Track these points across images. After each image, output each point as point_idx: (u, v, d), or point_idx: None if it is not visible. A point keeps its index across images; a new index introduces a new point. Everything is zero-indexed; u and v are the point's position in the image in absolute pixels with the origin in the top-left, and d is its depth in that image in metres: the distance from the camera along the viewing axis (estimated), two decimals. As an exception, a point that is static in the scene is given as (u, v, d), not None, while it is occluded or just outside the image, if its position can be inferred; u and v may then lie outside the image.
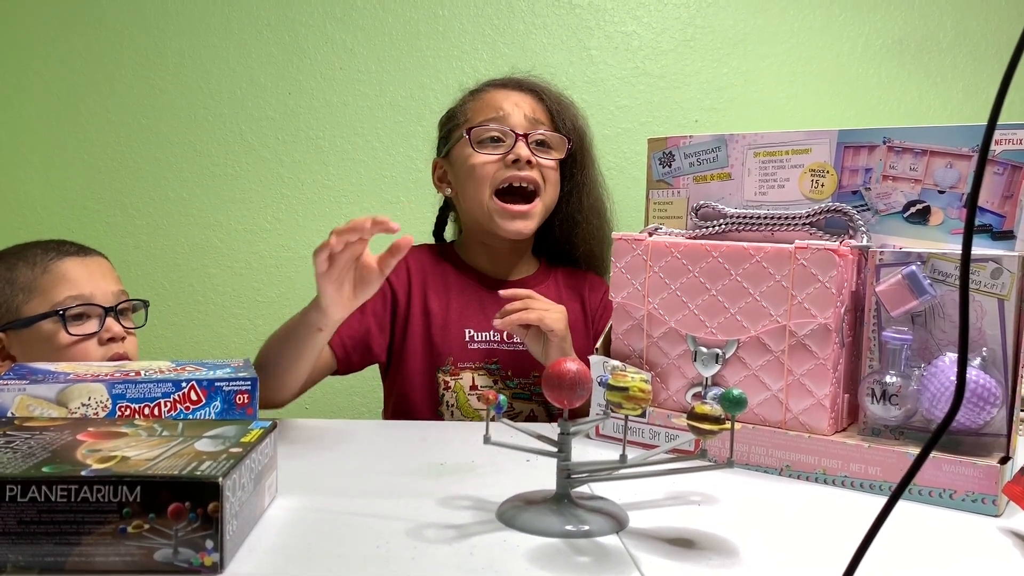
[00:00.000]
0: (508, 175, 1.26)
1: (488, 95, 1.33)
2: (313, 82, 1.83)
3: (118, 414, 0.78)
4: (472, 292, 1.34)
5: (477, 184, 1.28)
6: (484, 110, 1.31)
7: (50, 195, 1.81)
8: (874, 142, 0.94)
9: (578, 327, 1.33)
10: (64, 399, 0.77)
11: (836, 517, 0.79)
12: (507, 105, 1.29)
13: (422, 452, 0.97)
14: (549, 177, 1.30)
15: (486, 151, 1.28)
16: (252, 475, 0.68)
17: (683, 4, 1.86)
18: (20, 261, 1.18)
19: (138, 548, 0.58)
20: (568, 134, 1.32)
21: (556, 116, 1.32)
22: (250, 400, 0.82)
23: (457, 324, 1.30)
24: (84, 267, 1.18)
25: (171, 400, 0.79)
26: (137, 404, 0.78)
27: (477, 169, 1.28)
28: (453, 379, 1.28)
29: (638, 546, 0.69)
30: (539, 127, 1.29)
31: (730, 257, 0.94)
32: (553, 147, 1.31)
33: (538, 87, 1.35)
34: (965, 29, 1.88)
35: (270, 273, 1.85)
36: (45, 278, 1.15)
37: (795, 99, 1.88)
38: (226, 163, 1.83)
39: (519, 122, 1.28)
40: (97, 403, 0.78)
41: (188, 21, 1.81)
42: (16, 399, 0.76)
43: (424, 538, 0.69)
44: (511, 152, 1.26)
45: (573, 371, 0.70)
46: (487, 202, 1.28)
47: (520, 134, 1.27)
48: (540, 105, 1.32)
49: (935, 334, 0.87)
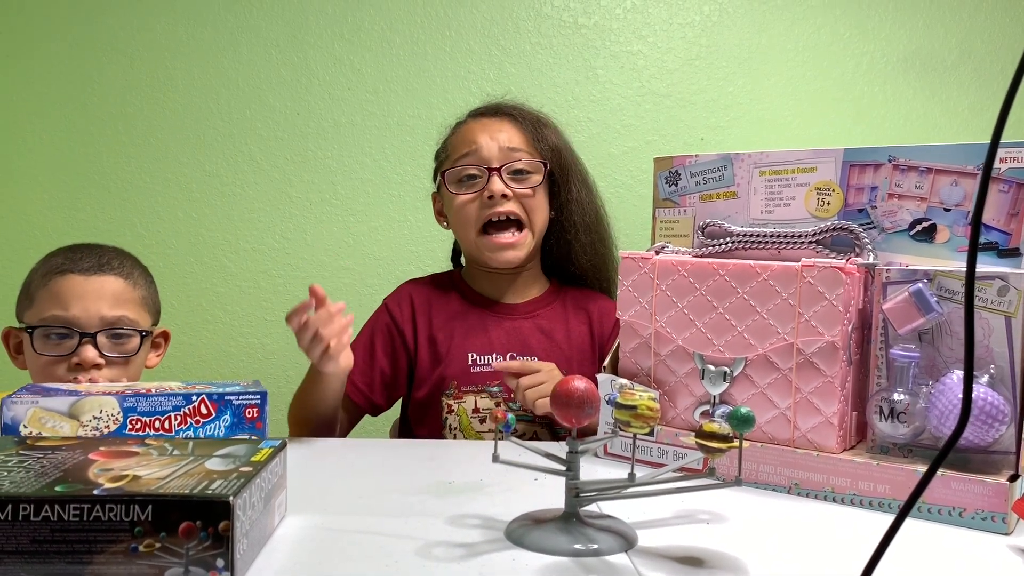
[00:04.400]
0: (488, 212, 1.27)
1: (465, 128, 1.34)
2: (321, 103, 1.85)
3: (129, 427, 0.78)
4: (476, 317, 1.34)
5: (462, 224, 1.31)
6: (460, 145, 1.32)
7: (61, 215, 1.82)
8: (879, 160, 0.94)
9: (585, 352, 1.33)
10: (76, 412, 0.78)
11: (845, 535, 0.79)
12: (481, 138, 1.29)
13: (431, 471, 0.98)
14: (531, 204, 1.30)
15: (463, 192, 1.29)
16: (262, 494, 0.68)
17: (688, 23, 1.88)
18: (41, 265, 1.21)
19: (149, 567, 0.59)
20: (544, 155, 1.31)
21: (534, 138, 1.32)
22: (259, 414, 0.82)
23: (460, 348, 1.30)
24: (83, 286, 1.16)
25: (181, 414, 0.79)
26: (148, 417, 0.79)
27: (458, 210, 1.30)
28: (456, 403, 1.28)
29: (647, 565, 0.69)
30: (515, 155, 1.29)
31: (737, 275, 0.94)
32: (532, 171, 1.31)
33: (514, 110, 1.35)
34: (970, 47, 1.89)
35: (278, 292, 1.86)
36: (42, 291, 1.17)
37: (801, 117, 1.89)
38: (235, 183, 1.85)
39: (492, 155, 1.28)
40: (108, 416, 0.78)
41: (198, 43, 1.83)
42: (29, 412, 0.77)
43: (433, 557, 0.69)
44: (485, 189, 1.27)
45: (581, 389, 0.70)
46: (474, 239, 1.30)
47: (494, 168, 1.27)
48: (516, 129, 1.32)
49: (943, 351, 0.87)
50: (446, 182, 1.31)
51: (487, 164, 1.28)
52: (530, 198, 1.30)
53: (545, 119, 1.36)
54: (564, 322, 1.34)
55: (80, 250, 1.22)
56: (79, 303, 1.14)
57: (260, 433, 0.80)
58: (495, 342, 1.31)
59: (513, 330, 1.32)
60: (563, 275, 1.41)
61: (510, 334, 1.32)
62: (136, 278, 1.22)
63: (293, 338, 1.15)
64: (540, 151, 1.32)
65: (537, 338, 1.32)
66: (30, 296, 1.19)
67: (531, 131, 1.32)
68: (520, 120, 1.33)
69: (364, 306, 1.40)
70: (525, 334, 1.32)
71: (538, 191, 1.31)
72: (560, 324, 1.34)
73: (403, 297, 1.37)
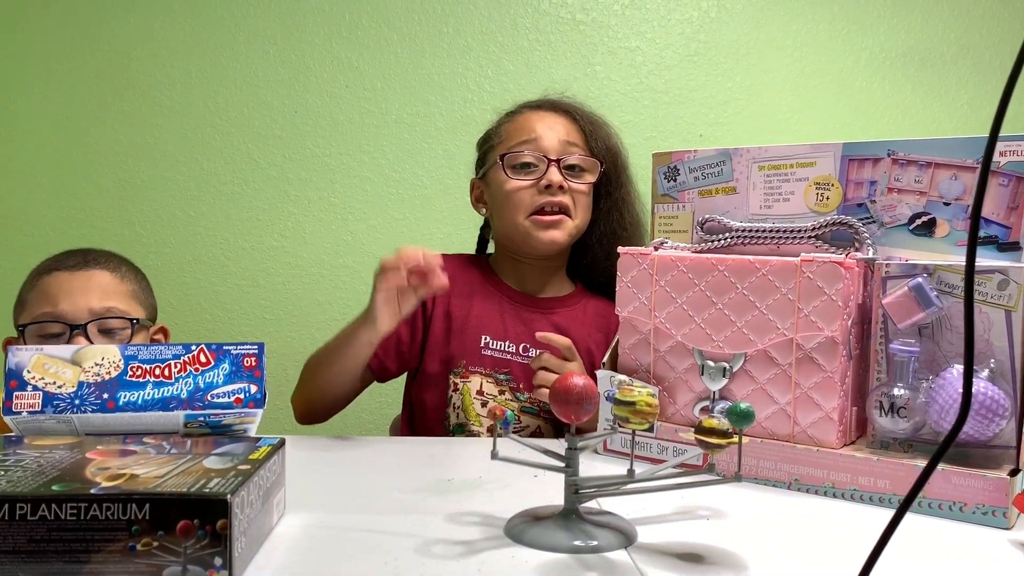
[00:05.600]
0: (541, 200, 1.28)
1: (523, 117, 1.35)
2: (319, 100, 1.85)
3: (130, 374, 0.78)
4: (495, 301, 1.35)
5: (513, 209, 1.30)
6: (518, 132, 1.32)
7: (59, 214, 1.82)
8: (879, 155, 0.94)
9: (598, 359, 1.32)
10: (78, 359, 0.78)
11: (845, 531, 0.78)
12: (540, 128, 1.31)
13: (429, 468, 0.97)
14: (580, 201, 1.31)
15: (519, 177, 1.30)
16: (260, 492, 0.68)
17: (686, 19, 1.87)
18: (31, 273, 1.23)
19: (147, 565, 0.59)
20: (601, 155, 1.33)
21: (590, 137, 1.33)
22: (257, 363, 0.81)
23: (474, 328, 1.31)
24: (70, 282, 1.18)
25: (181, 362, 0.79)
26: (148, 364, 0.79)
27: (512, 195, 1.30)
28: (462, 381, 1.29)
29: (647, 561, 0.69)
30: (572, 150, 1.31)
31: (736, 271, 0.94)
32: (586, 170, 1.32)
33: (572, 108, 1.36)
34: (969, 41, 1.88)
35: (277, 291, 1.86)
36: (32, 293, 1.19)
37: (799, 112, 1.89)
38: (233, 181, 1.85)
39: (552, 145, 1.29)
40: (110, 363, 0.78)
41: (195, 41, 1.82)
42: (33, 358, 0.77)
43: (432, 554, 0.69)
44: (544, 177, 1.28)
45: (580, 386, 0.70)
46: (522, 223, 1.30)
47: (552, 159, 1.28)
48: (574, 126, 1.33)
49: (942, 346, 0.87)
50: (504, 165, 1.30)
51: (546, 154, 1.29)
52: (581, 195, 1.31)
53: (601, 120, 1.37)
54: (582, 326, 1.34)
55: (68, 252, 1.24)
56: (67, 298, 1.16)
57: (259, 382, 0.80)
58: (509, 329, 1.32)
59: (529, 321, 1.33)
60: (589, 282, 1.41)
61: (526, 325, 1.32)
62: (124, 273, 1.24)
63: (292, 337, 1.16)
64: (595, 151, 1.33)
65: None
66: (22, 301, 1.21)
67: (588, 130, 1.33)
68: (578, 118, 1.34)
69: (362, 303, 1.40)
70: (540, 328, 1.31)
71: (588, 190, 1.32)
72: (577, 326, 1.34)
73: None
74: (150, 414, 0.77)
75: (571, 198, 1.30)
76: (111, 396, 0.77)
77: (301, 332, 1.84)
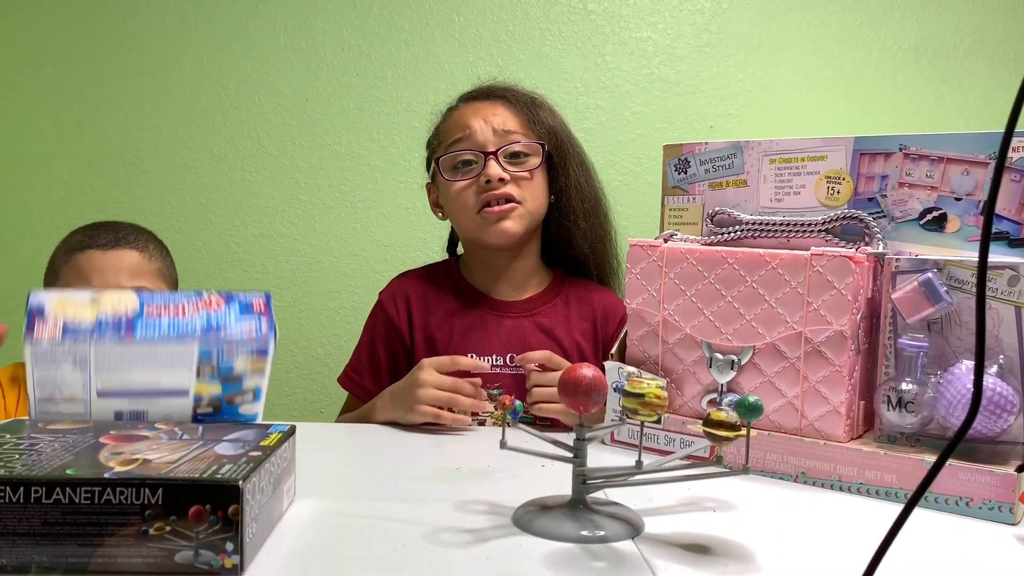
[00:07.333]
0: (485, 196, 1.25)
1: (457, 113, 1.32)
2: (330, 88, 1.85)
3: (146, 313, 0.79)
4: (476, 315, 1.31)
5: (461, 209, 1.28)
6: (452, 131, 1.29)
7: (69, 200, 1.83)
8: (890, 149, 0.94)
9: (586, 352, 1.31)
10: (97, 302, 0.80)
11: (852, 524, 0.79)
12: (475, 122, 1.27)
13: (438, 457, 0.98)
14: (527, 186, 1.27)
15: (459, 177, 1.27)
16: (271, 478, 0.69)
17: (698, 10, 1.87)
18: (63, 243, 1.28)
19: (160, 550, 0.59)
20: (541, 137, 1.29)
21: (529, 120, 1.29)
22: (266, 308, 0.83)
23: (459, 348, 1.27)
24: (102, 261, 1.23)
25: (194, 303, 0.81)
26: (163, 303, 0.81)
27: (456, 196, 1.27)
28: None
29: (654, 552, 0.69)
30: (510, 138, 1.26)
31: (746, 264, 0.94)
32: (530, 154, 1.28)
33: (507, 92, 1.32)
34: (982, 35, 1.87)
35: (286, 278, 1.86)
36: (65, 268, 1.25)
37: (811, 105, 1.88)
38: (243, 168, 1.85)
39: (487, 138, 1.26)
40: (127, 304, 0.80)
41: (206, 28, 1.82)
42: (54, 299, 0.79)
43: (440, 542, 0.69)
44: (482, 174, 1.25)
45: (589, 377, 0.70)
46: (472, 221, 1.27)
47: (490, 151, 1.25)
48: (510, 112, 1.29)
49: (951, 341, 0.87)
50: (441, 169, 1.29)
51: (482, 148, 1.25)
52: (528, 181, 1.27)
53: (540, 100, 1.33)
54: (566, 320, 1.32)
55: (98, 227, 1.29)
56: (99, 276, 1.22)
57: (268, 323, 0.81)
58: (494, 342, 1.28)
59: (513, 329, 1.30)
60: (564, 262, 1.39)
61: (510, 333, 1.29)
62: (152, 251, 1.30)
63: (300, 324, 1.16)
64: (536, 133, 1.29)
65: (538, 337, 1.29)
66: (55, 271, 1.27)
67: (526, 113, 1.29)
68: (514, 102, 1.30)
69: (371, 292, 1.40)
70: (525, 333, 1.29)
71: (536, 174, 1.28)
72: (561, 322, 1.31)
73: (397, 294, 1.34)
74: (166, 346, 0.78)
75: (517, 185, 1.26)
76: (128, 328, 0.78)
77: (310, 319, 1.84)
